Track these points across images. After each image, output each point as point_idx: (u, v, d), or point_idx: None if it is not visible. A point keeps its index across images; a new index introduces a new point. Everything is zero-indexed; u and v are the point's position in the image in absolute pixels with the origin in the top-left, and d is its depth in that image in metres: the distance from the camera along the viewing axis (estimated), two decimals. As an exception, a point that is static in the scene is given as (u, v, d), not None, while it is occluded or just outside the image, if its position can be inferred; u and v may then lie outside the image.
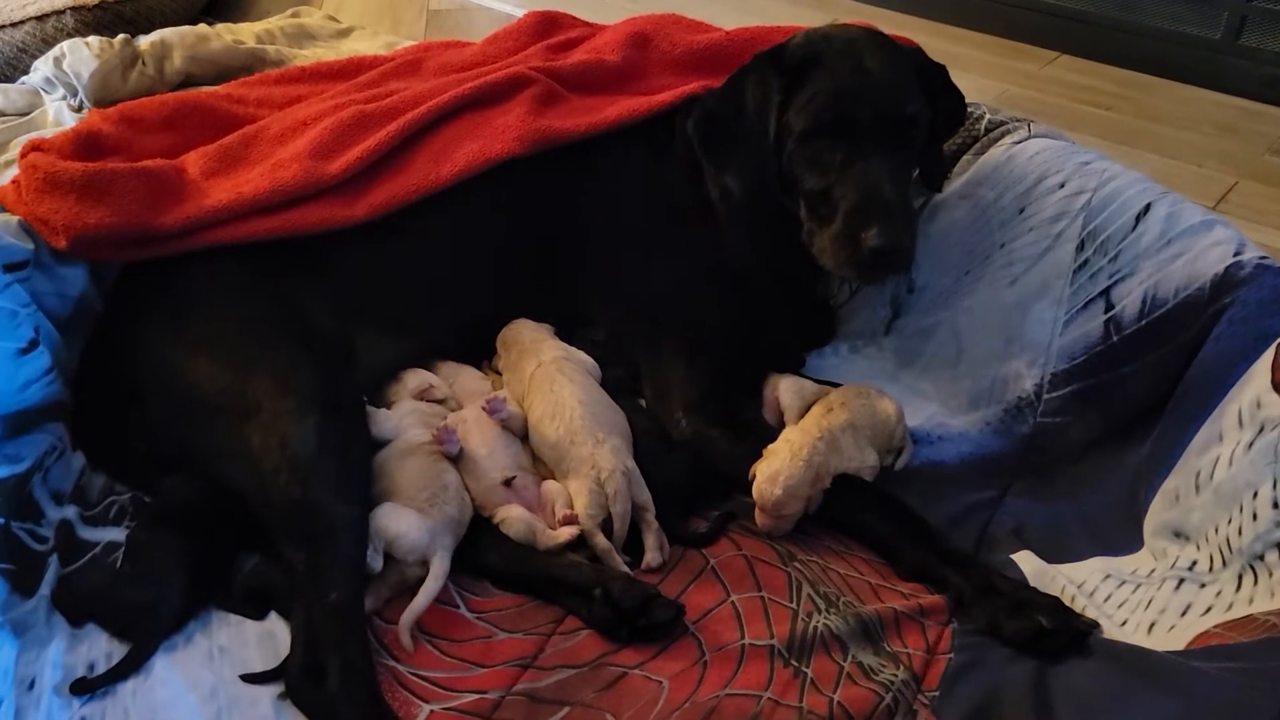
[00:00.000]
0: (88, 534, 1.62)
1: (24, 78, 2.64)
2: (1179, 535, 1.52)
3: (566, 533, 1.54)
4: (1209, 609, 1.42)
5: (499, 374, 1.85)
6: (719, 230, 1.83)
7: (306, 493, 1.49)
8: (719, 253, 1.84)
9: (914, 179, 1.83)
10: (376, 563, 1.47)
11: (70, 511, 1.63)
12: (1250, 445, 1.42)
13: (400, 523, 1.49)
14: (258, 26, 2.95)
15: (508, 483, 1.60)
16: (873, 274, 1.73)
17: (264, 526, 1.54)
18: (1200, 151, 2.52)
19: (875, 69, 1.69)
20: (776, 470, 1.61)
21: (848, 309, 2.04)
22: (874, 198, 1.64)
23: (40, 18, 2.76)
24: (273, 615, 1.50)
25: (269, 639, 1.47)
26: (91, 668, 1.42)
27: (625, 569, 1.56)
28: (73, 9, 2.78)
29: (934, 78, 1.78)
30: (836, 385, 1.84)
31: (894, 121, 1.68)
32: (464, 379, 1.80)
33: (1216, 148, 2.55)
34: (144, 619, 1.45)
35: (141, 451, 1.68)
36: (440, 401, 1.75)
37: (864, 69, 1.69)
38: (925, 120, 1.73)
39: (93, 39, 2.63)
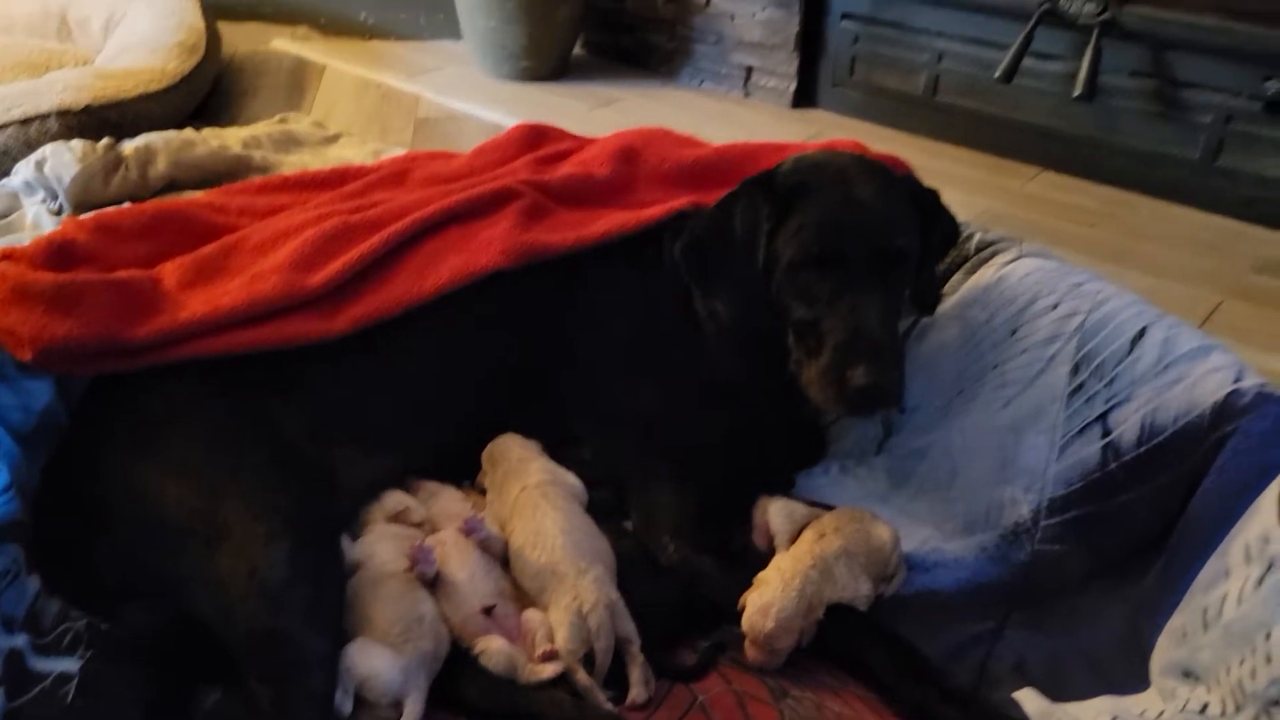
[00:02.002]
0: (39, 664, 1.52)
1: (4, 180, 2.61)
2: (1188, 675, 1.46)
3: (549, 669, 1.46)
4: (1224, 756, 1.35)
5: (482, 493, 1.79)
6: (707, 349, 1.80)
7: (276, 622, 1.42)
8: (708, 372, 1.81)
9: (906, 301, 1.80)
10: (346, 705, 1.39)
11: (21, 640, 1.53)
12: (1260, 582, 1.38)
13: (372, 662, 1.41)
14: (244, 132, 2.95)
15: (488, 611, 1.53)
16: (859, 411, 1.69)
17: (229, 658, 1.45)
18: (1185, 270, 2.53)
19: (865, 200, 1.67)
20: (768, 601, 1.55)
21: (838, 428, 1.99)
22: (862, 335, 1.61)
23: (24, 121, 2.74)
24: (234, 755, 1.41)
25: (228, 780, 1.38)
26: (35, 816, 1.32)
27: (609, 706, 1.48)
28: (59, 113, 2.77)
29: (926, 203, 1.76)
30: (828, 508, 1.78)
31: (884, 255, 1.66)
32: (443, 500, 1.74)
33: (1200, 266, 2.57)
34: (93, 761, 1.36)
35: (102, 575, 1.60)
36: (417, 525, 1.68)
37: (854, 200, 1.67)
38: (916, 251, 1.72)
39: (76, 143, 2.62)
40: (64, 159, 2.56)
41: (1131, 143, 2.86)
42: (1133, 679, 1.52)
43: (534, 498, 1.65)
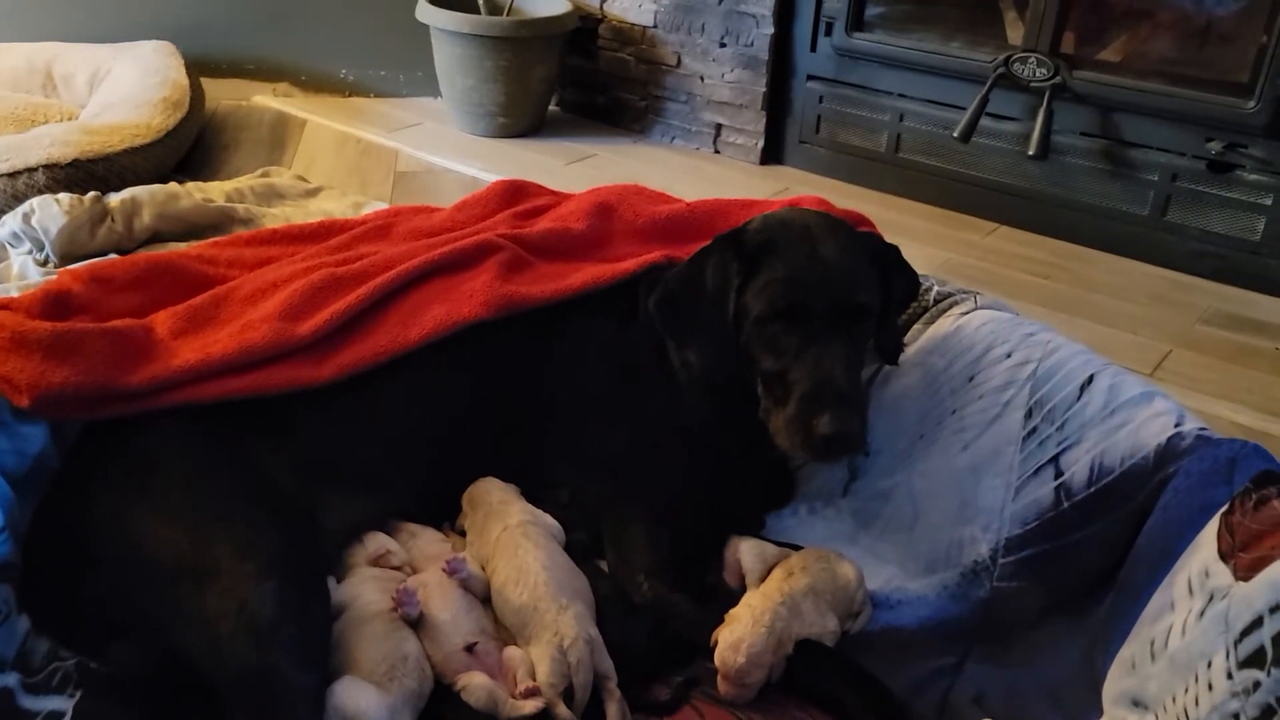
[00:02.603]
0: (28, 703, 1.56)
1: (-9, 232, 2.66)
2: (1137, 704, 1.53)
3: (530, 705, 1.51)
4: (1172, 782, 1.42)
5: (462, 535, 1.85)
6: (680, 397, 1.87)
7: (264, 659, 1.46)
8: (680, 417, 1.88)
9: (869, 351, 1.89)
10: (334, 744, 1.44)
11: (11, 679, 1.57)
12: (1201, 614, 1.46)
13: (359, 700, 1.46)
14: (228, 185, 3.02)
15: (470, 648, 1.58)
16: (825, 457, 1.77)
17: (218, 697, 1.49)
18: (1135, 320, 2.65)
19: (829, 257, 1.76)
20: (740, 638, 1.61)
21: (806, 471, 2.07)
22: (826, 385, 1.69)
23: (12, 175, 2.80)
24: (224, 795, 1.45)
25: (218, 818, 1.42)
26: None
27: (589, 740, 1.53)
28: (45, 167, 2.84)
29: (887, 259, 1.86)
30: (797, 548, 1.85)
31: (847, 309, 1.75)
32: (423, 541, 1.80)
33: (1150, 316, 2.68)
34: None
35: (91, 615, 1.64)
36: (397, 568, 1.73)
37: (818, 257, 1.76)
38: (878, 306, 1.81)
39: (63, 196, 2.68)
40: (51, 211, 2.62)
41: (1084, 199, 2.99)
42: (1088, 709, 1.59)
43: (515, 537, 1.72)
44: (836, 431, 1.67)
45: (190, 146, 3.38)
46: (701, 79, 3.49)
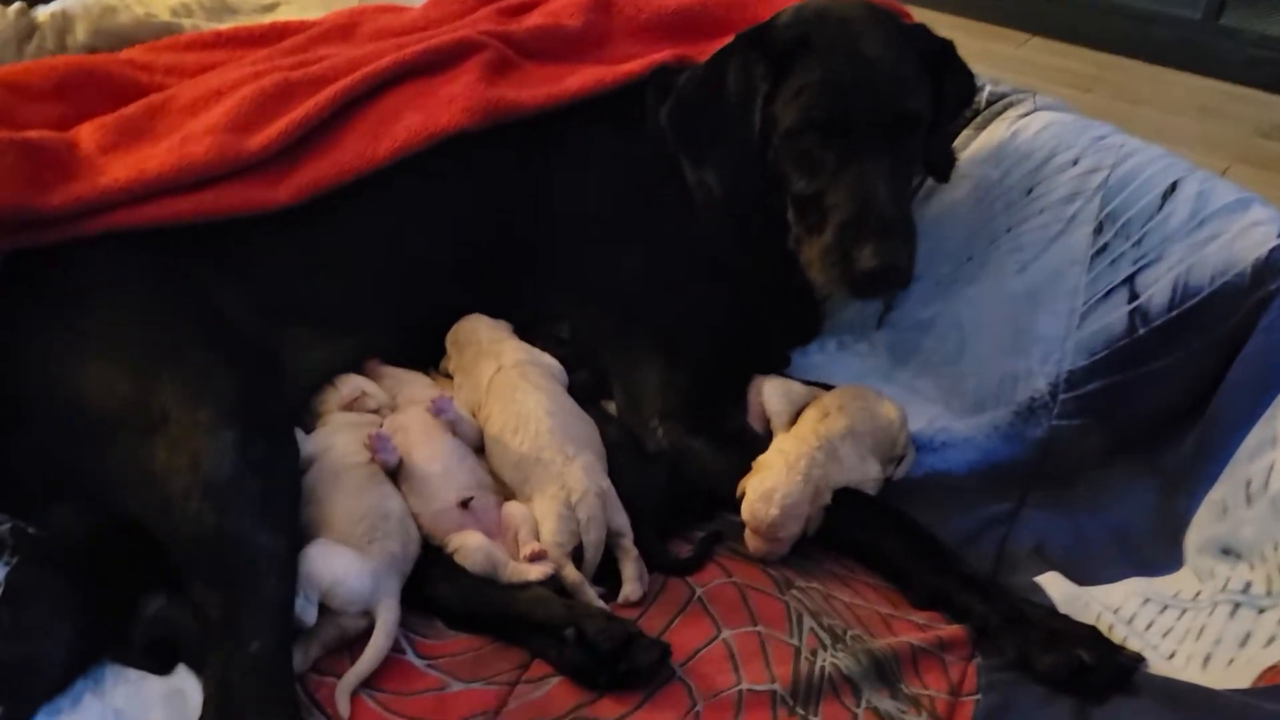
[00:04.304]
0: (-42, 573, 1.36)
1: (-99, 50, 2.34)
2: (1228, 553, 1.35)
3: (536, 570, 1.31)
4: (1272, 639, 1.24)
5: (450, 378, 1.62)
6: (696, 219, 1.62)
7: (222, 521, 1.25)
8: (696, 242, 1.63)
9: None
10: (309, 614, 1.24)
11: (-64, 547, 1.37)
12: (1312, 450, 1.26)
13: (336, 566, 1.26)
14: (172, -1, 2.68)
15: (464, 504, 1.37)
16: (866, 293, 1.52)
17: (171, 562, 1.29)
18: (1187, 136, 2.41)
19: (873, 56, 1.48)
20: (771, 487, 1.41)
21: (835, 302, 1.84)
22: (869, 210, 1.44)
23: (-79, -15, 2.46)
24: (182, 669, 1.26)
25: (177, 698, 1.23)
26: (-46, 742, 1.17)
27: (601, 605, 1.34)
28: (-41, -25, 2.49)
29: (940, 58, 1.58)
30: (827, 387, 1.64)
31: (894, 119, 1.48)
32: (408, 387, 1.57)
33: (1203, 131, 2.44)
34: (21, 680, 1.20)
35: (25, 474, 1.42)
36: (375, 412, 1.51)
37: (860, 57, 1.48)
38: (929, 113, 1.54)
39: (-19, 8, 2.35)
40: (-31, 26, 2.30)
41: (1129, 3, 2.70)
42: (1165, 558, 1.42)
43: (512, 378, 1.49)
44: (881, 265, 1.43)
45: (129, -42, 3.00)
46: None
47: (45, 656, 1.21)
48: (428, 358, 1.66)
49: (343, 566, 1.27)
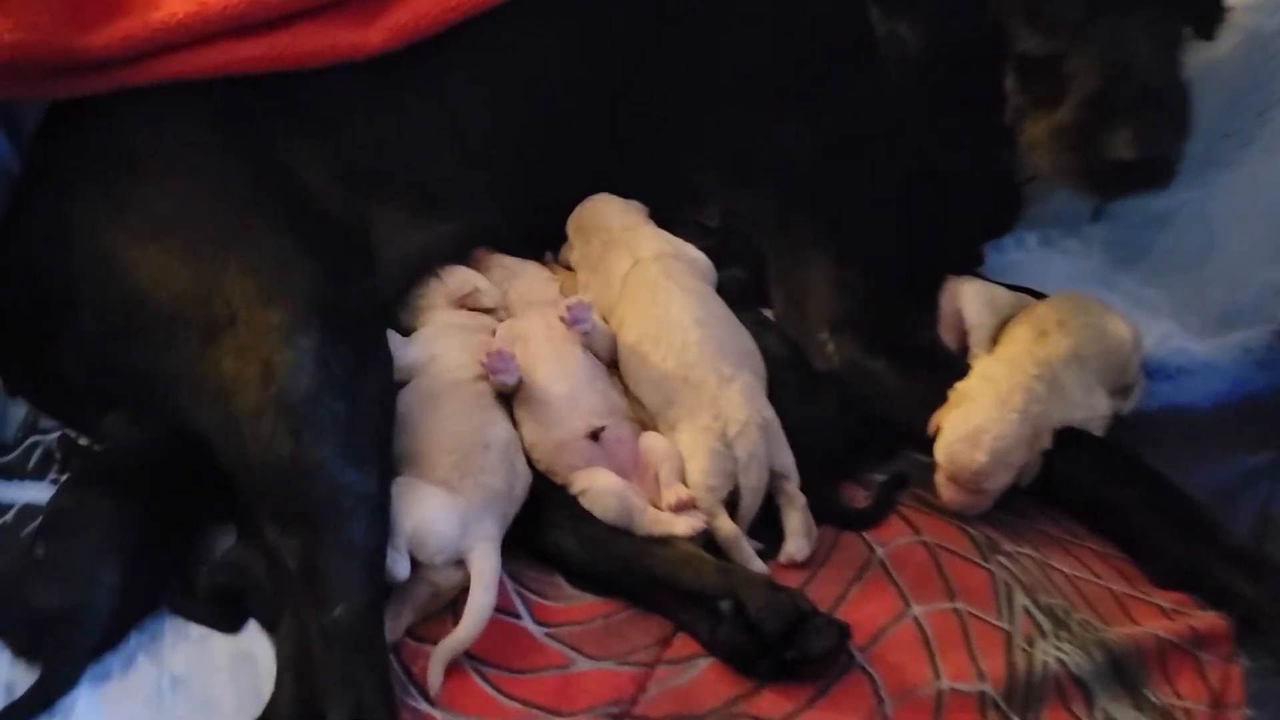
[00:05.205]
0: (-1, 491, 1.17)
1: None
2: None
3: (682, 524, 1.05)
4: None
5: (570, 270, 1.34)
6: (883, 82, 1.28)
7: (300, 449, 1.00)
8: (882, 110, 1.30)
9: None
10: (400, 567, 0.99)
11: (-25, 453, 1.17)
12: None
13: (420, 506, 1.01)
14: None
15: (594, 435, 1.10)
16: (1114, 192, 1.19)
17: (240, 493, 1.06)
18: None
19: None
20: (979, 426, 1.11)
21: (1039, 184, 1.49)
22: (1128, 79, 1.09)
23: None
24: (252, 627, 1.04)
25: (244, 664, 1.01)
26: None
27: (762, 567, 1.08)
28: None
29: None
30: (1034, 294, 1.33)
31: None
32: (525, 280, 1.29)
33: None
34: (61, 632, 0.99)
35: (75, 375, 1.21)
36: (489, 311, 1.24)
37: None
38: None
39: None
40: None
41: None
42: None
43: (651, 275, 1.20)
44: (1140, 154, 1.08)
45: None
46: None
47: (90, 605, 1.00)
48: (544, 243, 1.38)
49: (427, 507, 1.02)
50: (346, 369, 1.05)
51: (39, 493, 1.16)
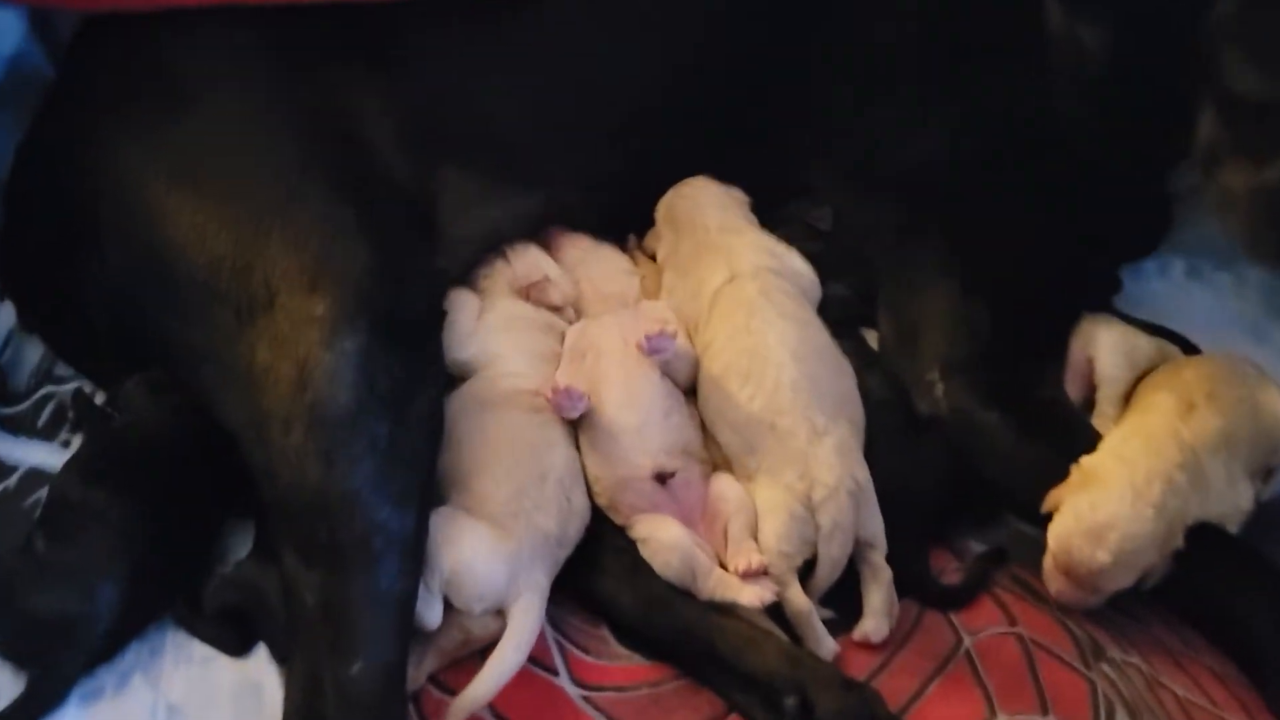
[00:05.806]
0: (3, 449, 1.06)
1: None
2: None
3: (749, 594, 0.92)
4: None
5: (651, 258, 1.19)
6: (1047, 88, 1.09)
7: (330, 477, 0.87)
8: (1037, 121, 1.11)
9: None
10: (432, 615, 0.88)
11: (-21, 398, 1.06)
12: None
13: (462, 546, 0.89)
14: None
15: (661, 479, 0.97)
16: None
17: (260, 501, 0.95)
18: None
19: None
20: (1106, 521, 0.96)
21: (1191, 204, 1.30)
22: None
23: None
24: (260, 653, 0.94)
25: (249, 695, 0.91)
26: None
27: (833, 647, 0.95)
28: None
29: None
30: (1178, 338, 1.16)
31: None
32: (601, 268, 1.14)
33: None
34: (55, 642, 0.89)
35: (95, 315, 1.09)
36: (557, 309, 1.10)
37: None
38: None
39: None
40: None
41: None
42: None
43: (748, 295, 1.04)
44: None
45: None
46: None
47: (90, 616, 0.90)
48: (627, 224, 1.22)
49: (470, 548, 0.90)
50: (393, 384, 0.91)
51: (48, 455, 1.06)
